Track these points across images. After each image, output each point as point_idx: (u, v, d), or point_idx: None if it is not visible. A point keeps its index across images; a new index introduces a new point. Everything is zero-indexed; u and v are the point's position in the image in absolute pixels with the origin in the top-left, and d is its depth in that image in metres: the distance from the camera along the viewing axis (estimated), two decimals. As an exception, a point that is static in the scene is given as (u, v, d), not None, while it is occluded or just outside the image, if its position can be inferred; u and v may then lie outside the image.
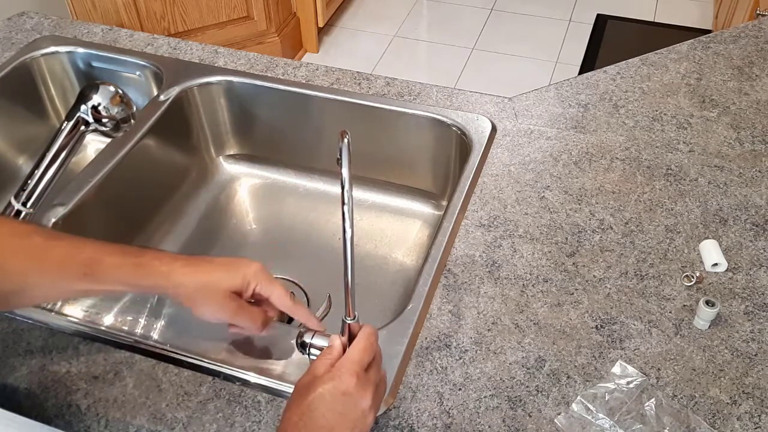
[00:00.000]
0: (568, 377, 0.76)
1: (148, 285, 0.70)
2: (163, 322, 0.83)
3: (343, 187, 0.62)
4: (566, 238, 0.91)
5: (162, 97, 1.13)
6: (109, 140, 1.07)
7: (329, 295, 0.84)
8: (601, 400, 0.74)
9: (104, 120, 0.90)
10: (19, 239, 0.67)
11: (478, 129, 1.06)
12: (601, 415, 0.73)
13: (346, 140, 0.62)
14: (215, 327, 0.81)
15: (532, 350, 0.79)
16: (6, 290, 0.67)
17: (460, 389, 0.76)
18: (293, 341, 0.79)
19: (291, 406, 0.62)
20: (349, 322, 0.66)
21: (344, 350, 0.66)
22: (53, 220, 0.94)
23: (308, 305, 1.07)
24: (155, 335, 0.81)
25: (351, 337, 0.67)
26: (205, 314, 0.73)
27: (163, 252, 0.72)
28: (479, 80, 2.72)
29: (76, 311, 0.84)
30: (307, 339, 0.72)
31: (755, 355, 0.78)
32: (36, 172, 0.87)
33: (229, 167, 1.26)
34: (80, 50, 1.22)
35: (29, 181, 0.87)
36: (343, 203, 0.62)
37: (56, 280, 0.68)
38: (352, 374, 0.62)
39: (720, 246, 0.88)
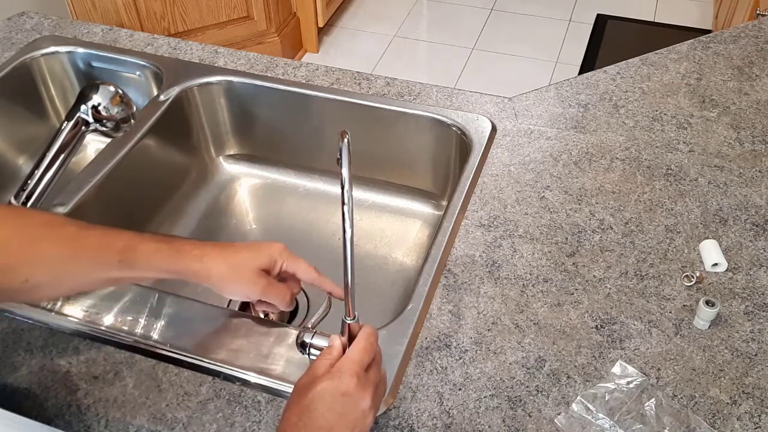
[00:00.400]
0: (568, 377, 0.76)
1: (181, 269, 0.72)
2: (163, 322, 0.83)
3: (343, 187, 0.62)
4: (566, 238, 0.91)
5: (162, 97, 1.13)
6: (109, 140, 1.07)
7: (329, 295, 0.84)
8: (601, 400, 0.74)
9: (104, 120, 0.90)
10: (52, 229, 0.68)
11: (478, 129, 1.06)
12: (601, 415, 0.73)
13: (346, 140, 0.62)
14: (215, 327, 0.82)
15: (532, 350, 0.79)
16: (41, 281, 0.67)
17: (460, 389, 0.76)
18: (294, 339, 0.79)
19: (290, 406, 0.62)
20: (348, 322, 0.66)
21: (344, 350, 0.66)
22: (53, 220, 0.94)
23: (308, 305, 1.07)
24: (155, 335, 0.81)
25: (351, 337, 0.67)
26: (236, 293, 0.75)
27: (192, 240, 0.75)
28: (479, 80, 2.72)
29: (76, 311, 0.84)
30: (307, 339, 0.73)
31: (755, 355, 0.78)
32: (36, 172, 0.87)
33: (229, 167, 1.26)
34: (80, 50, 1.22)
35: (29, 181, 0.87)
36: (343, 203, 0.62)
37: (91, 268, 0.69)
38: (352, 374, 0.62)
39: (720, 246, 0.88)
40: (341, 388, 0.61)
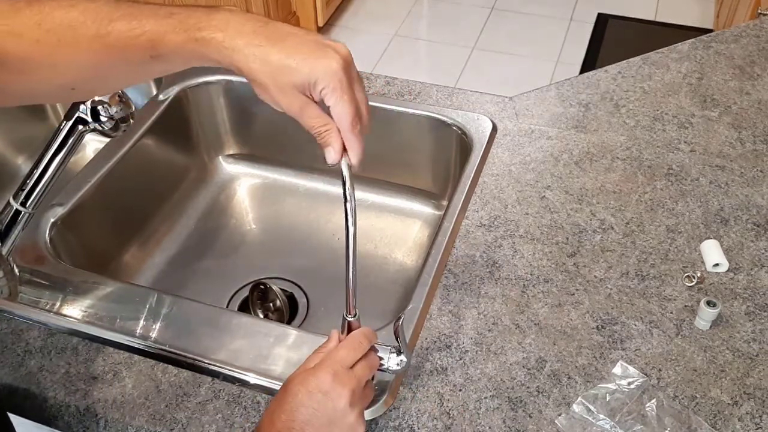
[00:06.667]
0: (568, 378, 0.76)
1: (213, 61, 0.61)
2: (162, 323, 0.82)
3: (344, 183, 0.61)
4: (567, 238, 0.91)
5: (161, 97, 1.13)
6: (108, 140, 1.06)
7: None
8: (602, 401, 0.74)
9: (103, 119, 0.89)
10: (74, 31, 0.60)
11: (479, 128, 1.06)
12: (601, 416, 0.72)
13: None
14: (215, 327, 0.81)
15: (532, 351, 0.79)
16: (74, 84, 0.64)
17: (460, 390, 0.75)
18: (290, 339, 0.79)
19: (275, 397, 0.64)
20: (349, 319, 0.66)
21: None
22: (52, 220, 0.94)
23: (308, 305, 1.07)
24: (154, 335, 0.81)
25: None
26: (269, 102, 0.63)
27: (231, 18, 0.60)
28: (480, 80, 2.71)
29: (75, 311, 0.84)
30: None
31: (756, 356, 0.78)
32: (35, 171, 0.87)
33: (228, 167, 1.26)
34: (80, 50, 1.22)
35: (28, 181, 0.86)
36: (345, 200, 0.61)
37: (123, 69, 0.63)
38: (328, 372, 0.62)
39: (721, 246, 0.88)
40: (314, 383, 0.62)
